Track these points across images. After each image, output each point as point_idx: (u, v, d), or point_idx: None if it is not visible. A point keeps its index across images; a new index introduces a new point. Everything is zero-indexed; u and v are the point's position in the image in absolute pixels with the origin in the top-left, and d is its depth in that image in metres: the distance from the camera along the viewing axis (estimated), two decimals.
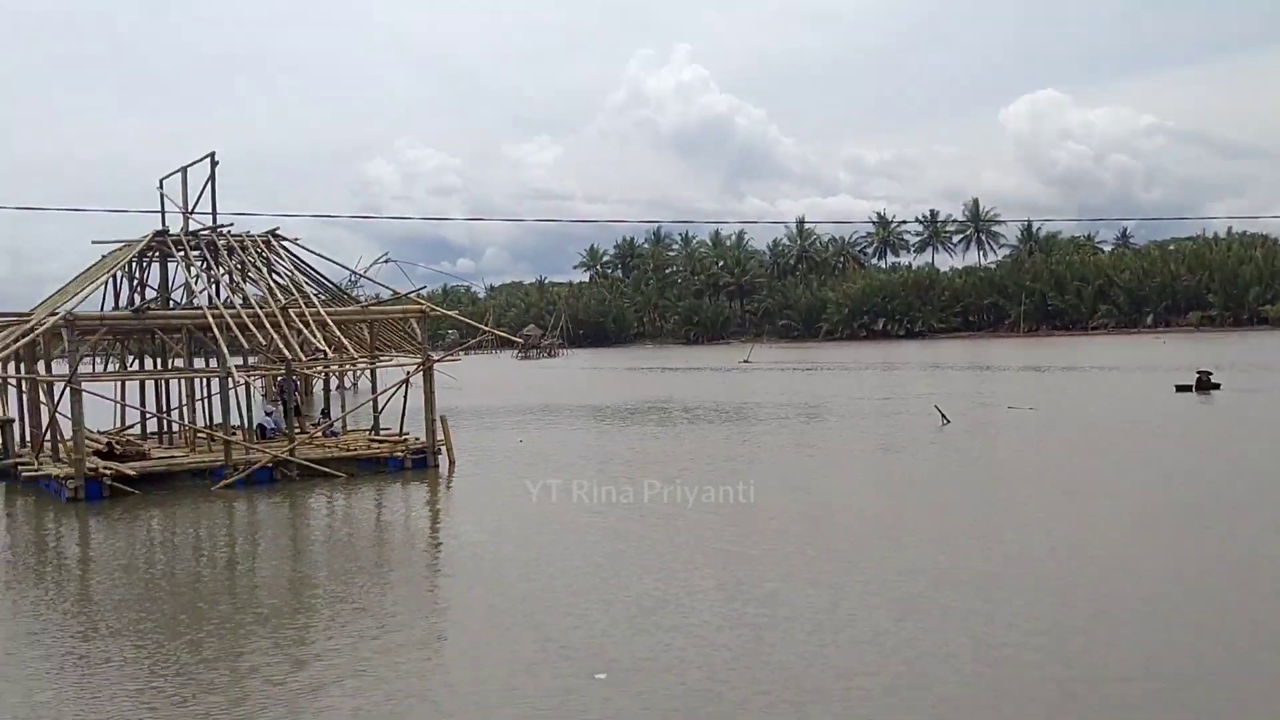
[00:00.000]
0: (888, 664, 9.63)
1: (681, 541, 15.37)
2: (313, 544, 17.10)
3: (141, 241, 25.62)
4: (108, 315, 24.20)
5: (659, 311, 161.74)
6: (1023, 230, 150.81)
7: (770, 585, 12.57)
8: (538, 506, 19.01)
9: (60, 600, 13.70)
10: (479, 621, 11.51)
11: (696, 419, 35.35)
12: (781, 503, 18.58)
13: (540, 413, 40.82)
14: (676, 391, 50.86)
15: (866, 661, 9.71)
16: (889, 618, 11.06)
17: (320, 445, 25.52)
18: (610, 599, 12.15)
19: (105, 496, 20.99)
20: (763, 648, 10.16)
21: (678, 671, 9.51)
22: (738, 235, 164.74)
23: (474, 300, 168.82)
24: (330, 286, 28.52)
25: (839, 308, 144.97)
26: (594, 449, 28.35)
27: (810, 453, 25.98)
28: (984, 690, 8.96)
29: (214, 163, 25.66)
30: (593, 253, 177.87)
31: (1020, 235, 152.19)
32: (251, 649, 10.75)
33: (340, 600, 12.74)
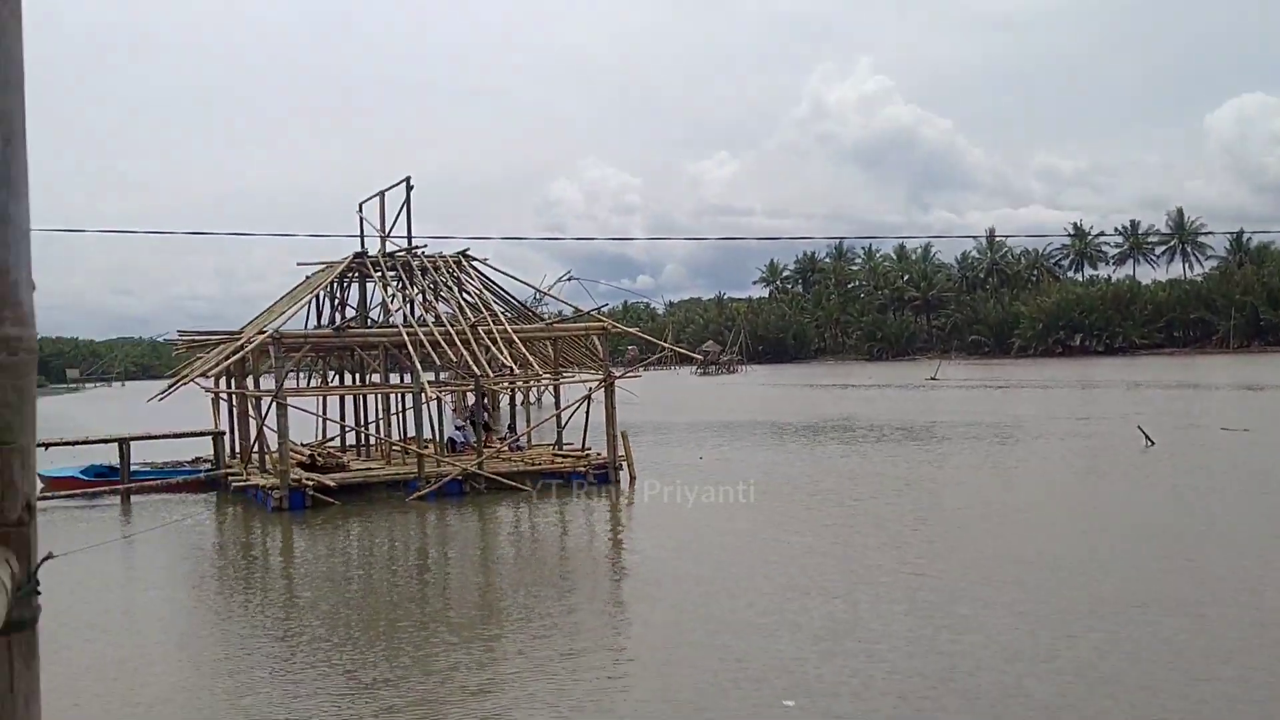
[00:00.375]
0: (1091, 697, 9.04)
1: (869, 563, 14.92)
2: (500, 556, 17.43)
3: (342, 263, 26.85)
4: (311, 333, 25.43)
5: (841, 327, 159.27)
6: (1232, 241, 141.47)
7: (963, 611, 12.04)
8: (719, 523, 18.86)
9: (267, 605, 14.37)
10: (664, 640, 11.42)
11: (882, 438, 34.50)
12: (973, 526, 17.85)
13: (720, 429, 40.68)
14: (860, 409, 49.86)
15: (1068, 694, 9.15)
16: (1090, 649, 10.42)
17: (507, 459, 26.09)
18: (798, 621, 11.87)
19: (307, 506, 22.00)
20: (957, 675, 9.70)
21: (868, 699, 9.17)
22: (924, 248, 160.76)
23: (653, 316, 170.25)
24: (516, 304, 29.20)
25: (1032, 322, 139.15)
26: (776, 467, 28.00)
27: (1003, 474, 24.91)
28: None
29: (409, 187, 26.71)
30: (772, 268, 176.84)
31: (1229, 246, 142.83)
32: (443, 658, 10.97)
33: (527, 613, 12.89)
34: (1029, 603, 12.41)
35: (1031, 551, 15.61)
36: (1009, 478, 24.21)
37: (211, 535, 20.90)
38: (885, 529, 17.61)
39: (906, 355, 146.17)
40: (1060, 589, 13.04)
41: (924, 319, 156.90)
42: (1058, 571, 14.08)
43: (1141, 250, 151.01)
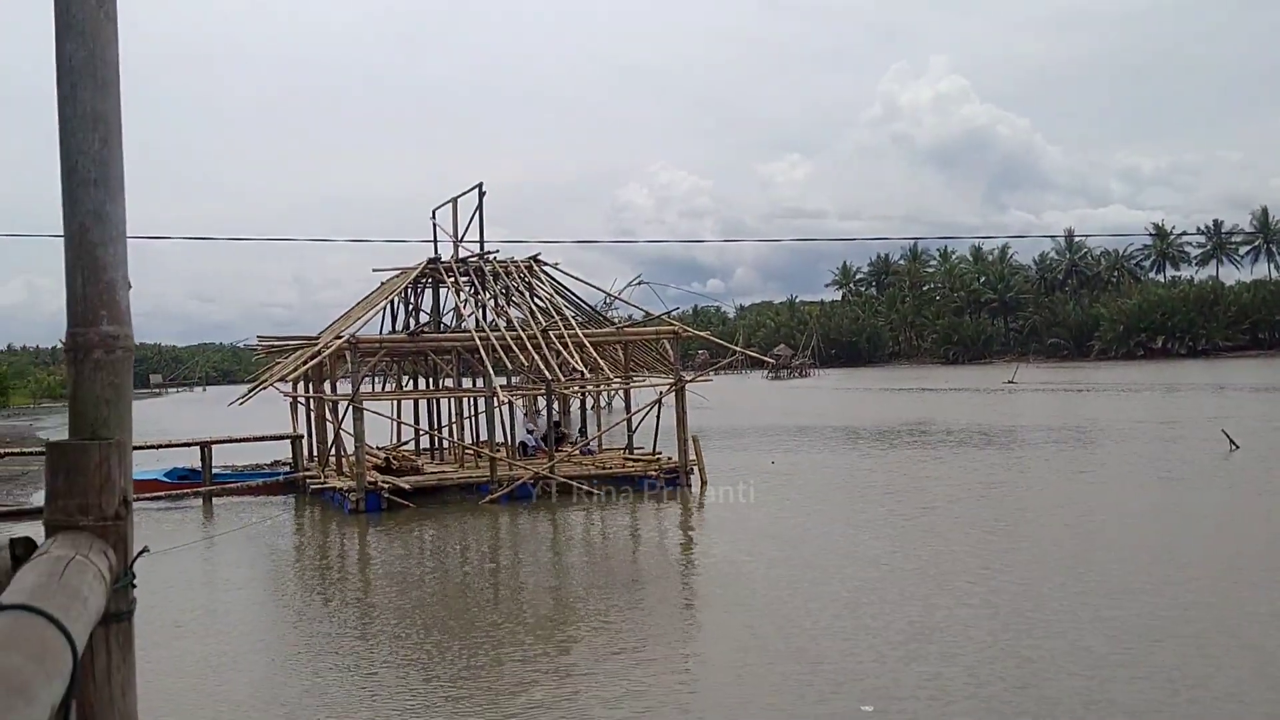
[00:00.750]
0: (1173, 703, 8.81)
1: (947, 568, 14.68)
2: (572, 559, 17.49)
3: (416, 269, 27.17)
4: (386, 338, 25.78)
5: (915, 330, 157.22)
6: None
7: (1041, 616, 11.78)
8: (792, 527, 18.72)
9: (345, 605, 14.59)
10: (738, 643, 11.33)
11: (959, 442, 33.98)
12: (1052, 531, 17.49)
13: (792, 433, 40.40)
14: (936, 413, 49.17)
15: (1150, 700, 8.91)
16: (1172, 655, 10.16)
17: (578, 463, 26.17)
18: (874, 625, 11.71)
19: (383, 508, 22.29)
20: (1039, 681, 9.50)
21: (946, 704, 9.01)
22: (1000, 249, 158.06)
23: (724, 320, 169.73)
24: (587, 309, 29.30)
25: (1113, 324, 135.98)
26: (850, 471, 27.73)
27: (1083, 479, 24.36)
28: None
29: (481, 193, 26.97)
30: (845, 270, 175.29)
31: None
32: (517, 657, 11.03)
33: (599, 614, 12.90)
34: (1111, 608, 12.11)
35: (1113, 557, 15.23)
36: (1089, 482, 23.67)
37: (290, 537, 21.27)
38: (963, 534, 17.33)
39: (983, 359, 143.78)
40: (1141, 595, 12.70)
41: (1001, 321, 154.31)
42: (1140, 577, 13.72)
43: (1225, 250, 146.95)
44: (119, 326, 2.07)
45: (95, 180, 2.04)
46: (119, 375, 2.06)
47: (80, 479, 1.93)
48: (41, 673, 1.18)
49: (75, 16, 2.02)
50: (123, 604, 1.98)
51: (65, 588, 1.51)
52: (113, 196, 2.06)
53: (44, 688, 1.16)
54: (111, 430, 2.03)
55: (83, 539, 1.87)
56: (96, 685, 1.90)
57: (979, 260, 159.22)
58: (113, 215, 2.06)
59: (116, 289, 2.07)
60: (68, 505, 1.93)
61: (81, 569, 1.67)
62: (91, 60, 2.04)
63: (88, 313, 2.03)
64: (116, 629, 1.96)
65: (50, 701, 1.18)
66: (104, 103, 2.06)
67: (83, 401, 2.03)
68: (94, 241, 2.04)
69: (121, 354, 2.07)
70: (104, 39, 2.06)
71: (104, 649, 1.93)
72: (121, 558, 1.98)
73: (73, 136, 2.04)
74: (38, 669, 1.18)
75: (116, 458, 1.98)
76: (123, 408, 2.07)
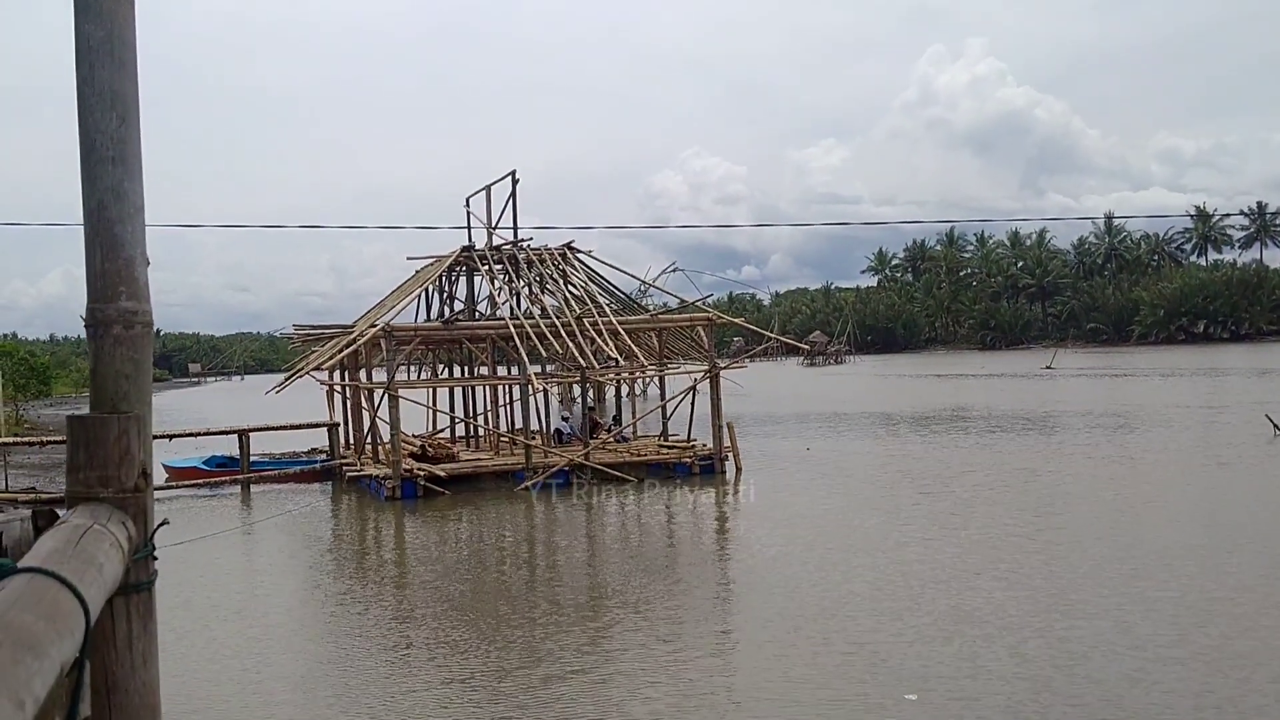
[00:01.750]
0: (1223, 686, 8.73)
1: (986, 555, 14.59)
2: (607, 545, 17.53)
3: (450, 257, 27.29)
4: (421, 326, 25.93)
5: (952, 316, 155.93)
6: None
7: (1078, 597, 11.68)
8: (827, 513, 18.67)
9: (383, 589, 14.72)
10: (777, 631, 11.26)
11: (997, 428, 33.72)
12: (1091, 515, 17.32)
13: (828, 420, 40.26)
14: (973, 399, 48.81)
15: (1194, 682, 8.84)
16: (1216, 635, 10.09)
17: (612, 450, 26.22)
18: (915, 612, 11.62)
19: (419, 495, 22.45)
20: (1084, 665, 9.42)
21: (994, 693, 8.90)
22: (1038, 234, 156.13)
23: (759, 307, 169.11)
24: (621, 296, 29.31)
25: (1153, 309, 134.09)
26: (886, 457, 27.60)
27: (1122, 464, 24.10)
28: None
29: (515, 180, 27.03)
30: (881, 256, 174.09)
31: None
32: (554, 640, 11.09)
33: (635, 599, 12.93)
34: (1156, 590, 11.99)
35: (1157, 541, 15.07)
36: (1131, 466, 23.41)
37: (328, 524, 21.48)
38: (1003, 518, 17.22)
39: (1021, 344, 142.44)
40: (1183, 577, 12.57)
41: (1039, 307, 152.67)
42: (1184, 560, 13.57)
43: (1269, 233, 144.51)
44: (138, 302, 2.10)
45: (113, 158, 2.07)
46: (138, 350, 2.09)
47: (100, 452, 1.96)
48: (52, 631, 1.21)
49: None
50: (143, 575, 2.01)
51: (81, 554, 1.54)
52: (131, 174, 2.09)
53: (54, 645, 1.19)
54: (131, 404, 2.06)
55: (102, 510, 1.90)
56: (118, 653, 1.94)
57: (1016, 245, 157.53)
58: (131, 193, 2.09)
59: (135, 265, 2.10)
60: (88, 477, 1.96)
61: (99, 537, 1.70)
62: (109, 40, 2.07)
63: (107, 289, 2.07)
64: (137, 599, 1.99)
65: (61, 659, 1.21)
66: (122, 82, 2.08)
67: (103, 376, 2.06)
68: (112, 219, 2.07)
69: (141, 329, 2.10)
70: (121, 19, 2.09)
71: (125, 618, 1.96)
72: (141, 529, 2.01)
73: (91, 115, 2.07)
74: (48, 627, 1.20)
75: (136, 431, 2.01)
76: (142, 382, 2.10)
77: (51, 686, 1.18)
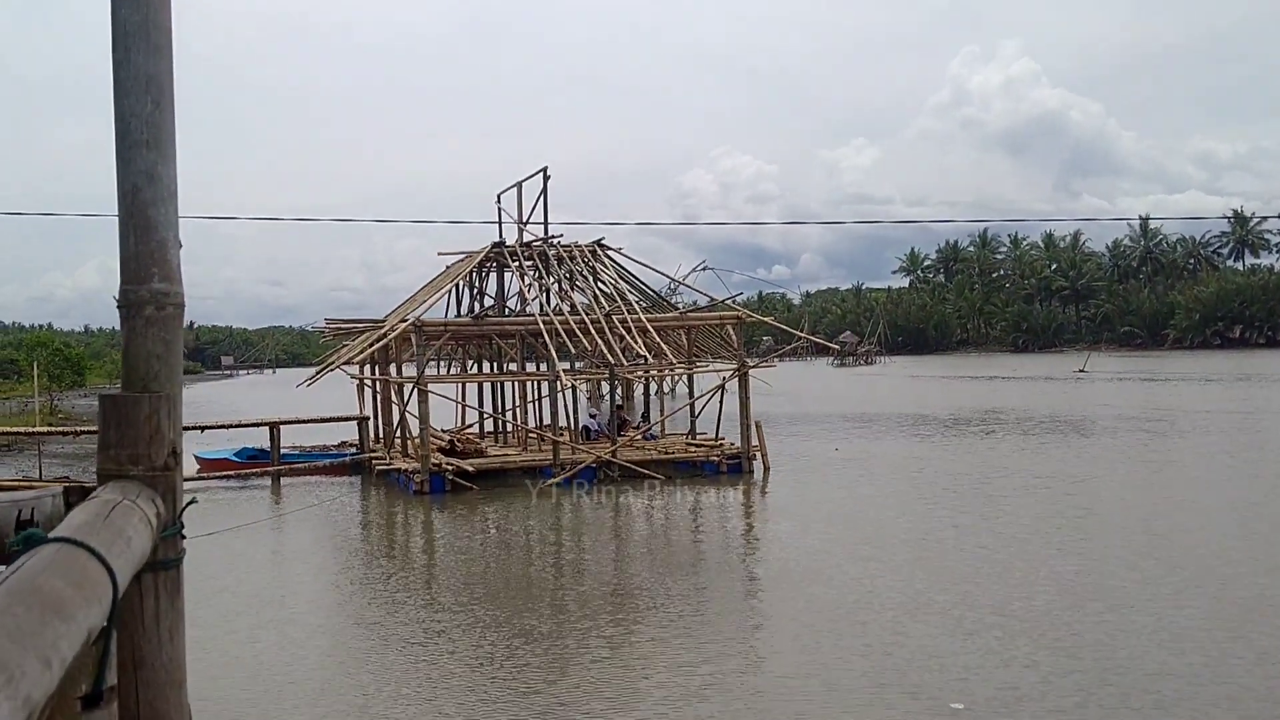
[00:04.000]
0: None
1: (1026, 559, 14.47)
2: (634, 541, 17.55)
3: (480, 253, 27.39)
4: (451, 322, 26.03)
5: (984, 317, 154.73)
6: None
7: (1125, 600, 11.57)
8: (855, 514, 18.60)
9: (410, 582, 14.82)
10: (808, 635, 11.10)
11: (1029, 431, 33.47)
12: (1127, 519, 17.18)
13: (857, 420, 40.09)
14: (1005, 401, 48.46)
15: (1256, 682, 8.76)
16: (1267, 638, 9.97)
17: (640, 448, 26.23)
18: (955, 617, 11.48)
19: (447, 490, 22.56)
20: (1117, 657, 9.34)
21: (1042, 703, 8.80)
22: (1073, 236, 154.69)
23: (789, 307, 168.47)
24: (651, 294, 29.31)
25: (1189, 313, 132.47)
26: (916, 458, 27.45)
27: (1155, 468, 23.87)
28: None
29: (546, 177, 27.08)
30: (913, 257, 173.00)
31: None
32: (578, 636, 11.11)
33: (661, 596, 12.92)
34: (1191, 591, 11.88)
35: (1191, 544, 14.92)
36: (1169, 471, 23.19)
37: (356, 516, 21.63)
38: (1038, 522, 17.09)
39: (1053, 347, 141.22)
40: (1229, 579, 12.43)
41: (1072, 309, 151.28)
42: (1223, 564, 13.43)
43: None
44: (170, 284, 2.13)
45: (147, 142, 2.10)
46: (169, 331, 2.12)
47: (131, 430, 2.00)
48: (80, 598, 1.23)
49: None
50: (171, 552, 2.04)
51: (110, 526, 1.57)
52: (164, 158, 2.12)
53: (81, 610, 1.21)
54: (162, 384, 2.09)
55: (132, 487, 1.93)
56: (145, 628, 1.97)
57: (1050, 247, 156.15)
58: (164, 176, 2.12)
59: (168, 247, 2.13)
60: (119, 455, 2.00)
61: (128, 512, 1.73)
62: (145, 25, 2.10)
63: (140, 270, 2.10)
64: (165, 576, 2.02)
65: (88, 625, 1.24)
66: (156, 66, 2.11)
67: (134, 356, 2.10)
68: (146, 201, 2.10)
69: (172, 310, 2.13)
70: (157, 4, 2.11)
71: (153, 594, 1.99)
72: (170, 507, 2.04)
73: (126, 99, 2.10)
74: (76, 593, 1.23)
75: (166, 410, 2.04)
76: (173, 362, 2.13)
77: (79, 653, 1.21)
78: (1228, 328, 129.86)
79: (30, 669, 0.99)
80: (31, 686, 0.99)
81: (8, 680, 0.94)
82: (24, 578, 1.20)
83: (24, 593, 1.14)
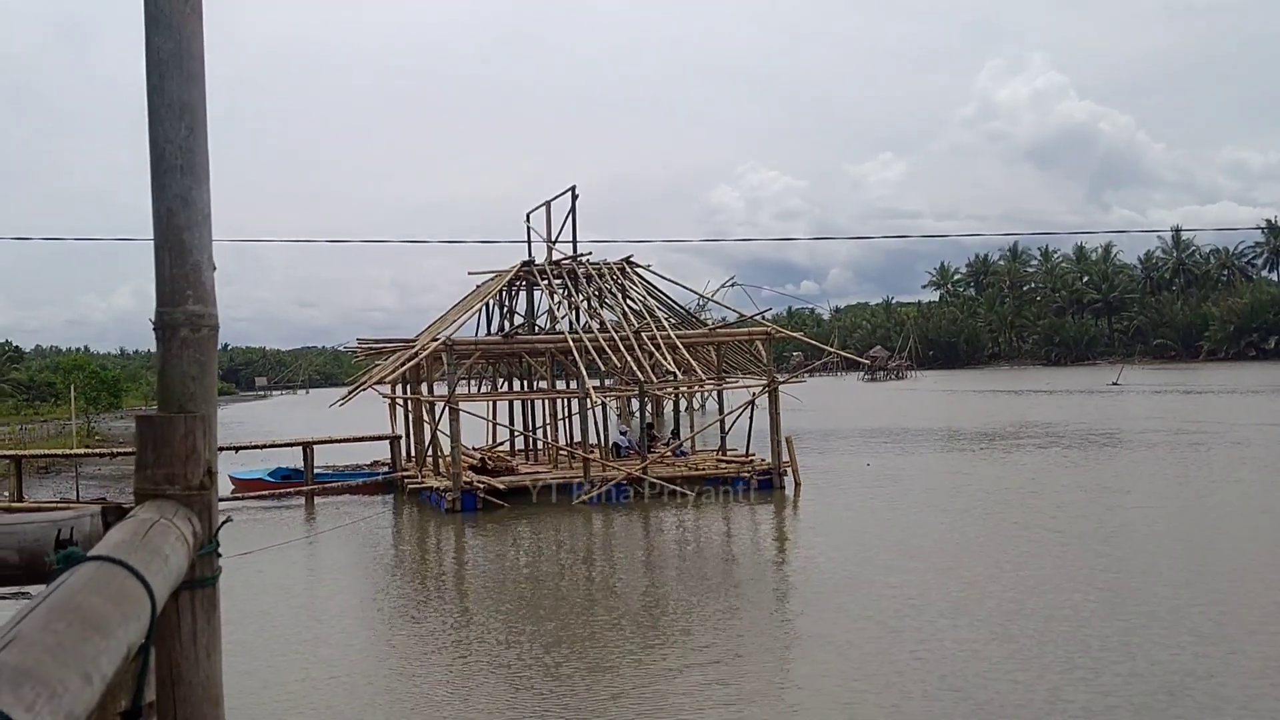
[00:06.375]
0: None
1: (1066, 578, 14.30)
2: (665, 558, 17.51)
3: (510, 272, 27.52)
4: (481, 341, 26.15)
5: (1015, 331, 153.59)
6: None
7: (1157, 612, 11.44)
8: (887, 531, 18.48)
9: (443, 598, 14.87)
10: (840, 657, 11.02)
11: (1063, 445, 33.16)
12: (1168, 537, 16.97)
13: (889, 435, 39.85)
14: (1038, 415, 48.04)
15: None
16: None
17: (670, 464, 26.20)
18: (991, 638, 11.34)
19: (479, 508, 22.62)
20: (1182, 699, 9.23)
21: None
22: (1104, 248, 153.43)
23: (819, 322, 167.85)
24: (679, 310, 29.33)
25: (1223, 325, 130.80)
26: (949, 474, 27.26)
27: (1191, 482, 23.56)
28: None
29: (574, 196, 27.20)
30: (943, 270, 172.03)
31: None
32: (612, 653, 11.10)
33: (692, 613, 12.89)
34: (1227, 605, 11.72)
35: (1232, 559, 14.72)
36: (1195, 484, 22.88)
37: (389, 534, 21.72)
38: (1076, 539, 16.91)
39: (1086, 360, 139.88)
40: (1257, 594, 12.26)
41: (1105, 322, 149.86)
42: (1261, 576, 13.25)
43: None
44: (204, 306, 2.17)
45: (181, 167, 2.14)
46: (204, 352, 2.16)
47: (167, 450, 2.03)
48: (119, 614, 1.26)
49: (163, 11, 2.13)
50: (207, 570, 2.07)
51: (147, 545, 1.60)
52: (198, 182, 2.16)
53: (121, 627, 1.23)
54: (197, 405, 2.13)
55: (168, 506, 1.96)
56: (183, 646, 2.00)
57: (1082, 259, 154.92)
58: (198, 200, 2.16)
59: (202, 270, 2.17)
60: (155, 475, 2.03)
61: (165, 531, 1.76)
62: (178, 53, 2.15)
63: (175, 293, 2.14)
64: (201, 594, 2.05)
65: (127, 641, 1.26)
66: (190, 93, 2.16)
67: (170, 377, 2.13)
68: (180, 225, 2.14)
69: (207, 332, 2.16)
70: (190, 32, 2.16)
71: (190, 612, 2.02)
72: (206, 526, 2.07)
73: (160, 125, 2.14)
74: (115, 610, 1.25)
75: (202, 430, 2.07)
76: (208, 383, 2.16)
77: (119, 669, 1.23)
78: (1263, 339, 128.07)
79: (72, 684, 1.01)
80: (73, 702, 1.01)
81: (51, 695, 0.97)
82: (64, 595, 1.22)
83: (65, 609, 1.16)
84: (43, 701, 0.94)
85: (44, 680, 0.97)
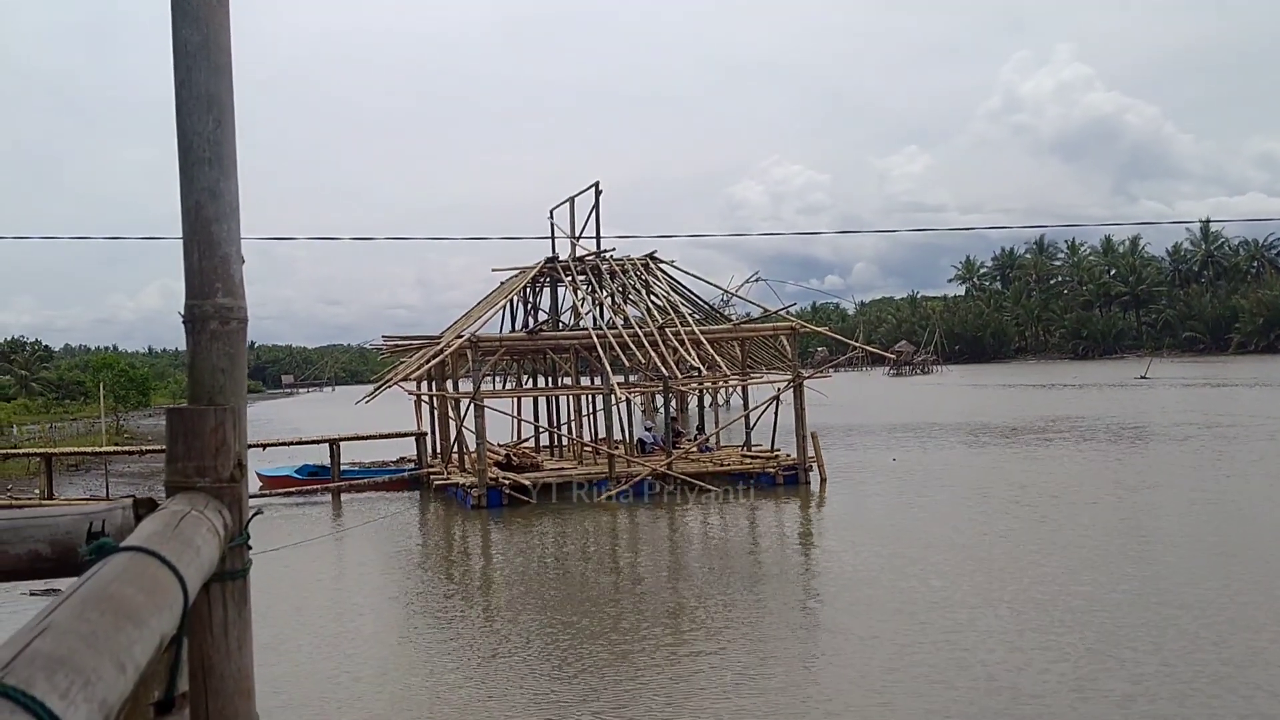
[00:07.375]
0: None
1: (1090, 576, 14.20)
2: (691, 554, 17.49)
3: (534, 268, 27.56)
4: (505, 337, 26.21)
5: (1042, 325, 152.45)
6: None
7: (1182, 613, 11.32)
8: (914, 526, 18.39)
9: (470, 595, 14.91)
10: (865, 656, 10.95)
11: (1091, 439, 32.91)
12: (1200, 529, 16.81)
13: (915, 431, 39.65)
14: (1066, 409, 47.69)
15: None
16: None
17: (695, 460, 26.17)
18: (1004, 628, 11.33)
19: (504, 504, 22.67)
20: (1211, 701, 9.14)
21: None
22: (1132, 241, 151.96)
23: (843, 317, 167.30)
24: (704, 306, 29.28)
25: (1253, 317, 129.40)
26: (976, 470, 27.09)
27: (1222, 476, 23.31)
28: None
29: (598, 192, 27.20)
30: (969, 265, 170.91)
31: None
32: (639, 649, 11.09)
33: (720, 609, 12.87)
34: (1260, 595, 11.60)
35: (1266, 551, 14.56)
36: (1234, 478, 22.65)
37: (416, 530, 21.80)
38: (1103, 536, 16.78)
39: (1113, 353, 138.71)
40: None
41: (1132, 315, 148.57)
42: None
43: None
44: (233, 299, 2.17)
45: (210, 159, 2.14)
46: (234, 345, 2.16)
47: (197, 443, 2.03)
48: (151, 604, 1.25)
49: (190, 3, 2.13)
50: (238, 562, 2.07)
51: (179, 536, 1.60)
52: (226, 175, 2.16)
53: (154, 616, 1.23)
54: (227, 397, 2.13)
55: (199, 498, 1.96)
56: (214, 638, 2.00)
57: (1109, 252, 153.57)
58: (226, 193, 2.16)
59: (231, 263, 2.17)
60: (186, 467, 2.03)
61: (196, 522, 1.76)
62: (206, 45, 2.15)
63: (204, 286, 2.14)
64: (232, 586, 2.05)
65: (160, 630, 1.26)
66: (217, 85, 2.15)
67: (200, 370, 2.13)
68: (209, 218, 2.14)
69: (236, 325, 2.17)
70: (217, 24, 2.16)
71: (221, 604, 2.02)
72: (236, 518, 2.07)
73: (188, 118, 2.14)
74: (148, 600, 1.25)
75: (232, 423, 2.07)
76: (237, 375, 2.17)
77: (152, 659, 1.23)
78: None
79: (106, 673, 1.01)
80: (107, 690, 1.01)
81: (85, 683, 0.96)
82: (97, 585, 1.22)
83: (98, 599, 1.16)
84: (77, 689, 0.94)
85: (78, 668, 0.97)
